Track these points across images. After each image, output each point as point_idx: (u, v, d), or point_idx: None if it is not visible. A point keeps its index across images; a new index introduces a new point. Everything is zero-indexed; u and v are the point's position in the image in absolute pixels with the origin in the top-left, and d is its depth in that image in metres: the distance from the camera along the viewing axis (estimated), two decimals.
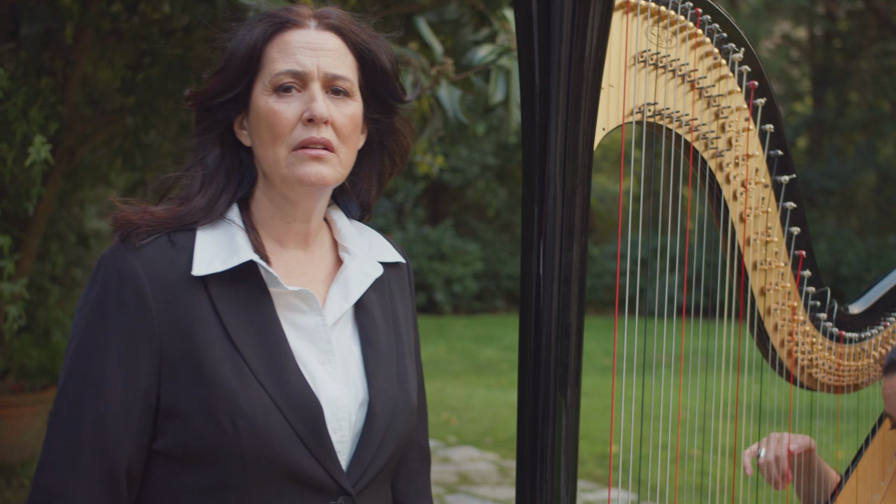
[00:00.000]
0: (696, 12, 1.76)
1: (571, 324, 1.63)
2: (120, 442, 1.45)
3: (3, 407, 6.11)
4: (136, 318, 1.46)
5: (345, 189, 1.71)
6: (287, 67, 1.52)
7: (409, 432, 1.65)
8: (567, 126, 1.63)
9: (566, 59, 1.63)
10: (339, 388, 1.55)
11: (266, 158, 1.55)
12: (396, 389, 1.61)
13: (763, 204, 1.82)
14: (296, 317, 1.55)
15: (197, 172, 1.60)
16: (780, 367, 1.86)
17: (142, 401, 1.46)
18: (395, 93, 1.66)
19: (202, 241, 1.53)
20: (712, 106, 1.79)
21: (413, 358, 1.72)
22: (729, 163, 1.80)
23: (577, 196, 1.64)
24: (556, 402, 1.61)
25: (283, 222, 1.60)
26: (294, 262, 1.61)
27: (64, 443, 1.45)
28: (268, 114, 1.52)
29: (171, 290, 1.47)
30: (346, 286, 1.62)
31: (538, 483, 1.61)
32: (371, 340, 1.62)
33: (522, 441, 1.63)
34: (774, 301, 1.83)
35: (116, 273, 1.47)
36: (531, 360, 1.62)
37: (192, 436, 1.45)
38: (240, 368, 1.46)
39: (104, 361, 1.45)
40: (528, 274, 1.64)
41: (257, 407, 1.45)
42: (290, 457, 1.46)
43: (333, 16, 1.59)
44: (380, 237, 1.76)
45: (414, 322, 1.76)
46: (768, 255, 1.83)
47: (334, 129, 1.54)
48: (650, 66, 1.74)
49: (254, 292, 1.52)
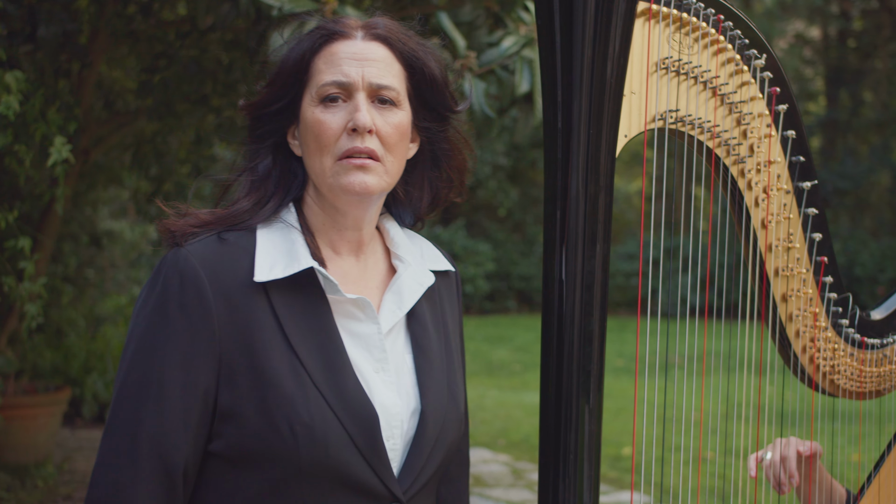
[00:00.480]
0: (718, 18, 1.75)
1: (594, 330, 1.63)
2: (178, 444, 1.47)
3: (17, 408, 6.13)
4: (197, 321, 1.47)
5: (398, 198, 1.73)
6: (332, 78, 1.55)
7: (457, 441, 1.67)
8: (590, 133, 1.63)
9: (588, 66, 1.63)
10: (393, 396, 1.57)
11: (313, 168, 1.58)
12: (447, 398, 1.63)
13: (785, 210, 1.82)
14: (352, 324, 1.57)
15: (247, 178, 1.63)
16: (802, 373, 1.86)
17: (200, 403, 1.48)
18: (444, 101, 1.67)
19: (263, 244, 1.55)
20: (734, 112, 1.78)
21: (461, 366, 1.74)
22: (751, 169, 1.79)
23: (600, 202, 1.63)
24: (580, 408, 1.61)
25: (336, 230, 1.62)
26: (348, 270, 1.63)
27: (123, 443, 1.46)
28: (314, 124, 1.55)
29: (232, 293, 1.49)
30: (400, 294, 1.64)
31: (561, 490, 1.61)
32: (423, 349, 1.64)
33: (545, 447, 1.63)
34: (796, 307, 1.83)
35: (178, 276, 1.48)
36: (553, 366, 1.62)
37: (249, 439, 1.47)
38: (299, 374, 1.48)
39: (164, 363, 1.47)
40: (551, 280, 1.64)
41: (315, 413, 1.47)
42: (345, 463, 1.48)
43: (381, 26, 1.62)
44: (430, 245, 1.77)
45: (461, 330, 1.78)
46: (790, 262, 1.82)
47: (379, 139, 1.56)
48: (672, 72, 1.74)
49: (313, 298, 1.54)
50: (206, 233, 1.55)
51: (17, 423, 6.02)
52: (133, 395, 1.47)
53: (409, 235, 1.75)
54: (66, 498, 5.90)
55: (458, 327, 1.77)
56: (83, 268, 9.26)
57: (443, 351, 1.67)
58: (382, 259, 1.70)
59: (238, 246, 1.54)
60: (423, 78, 1.63)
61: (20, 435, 6.04)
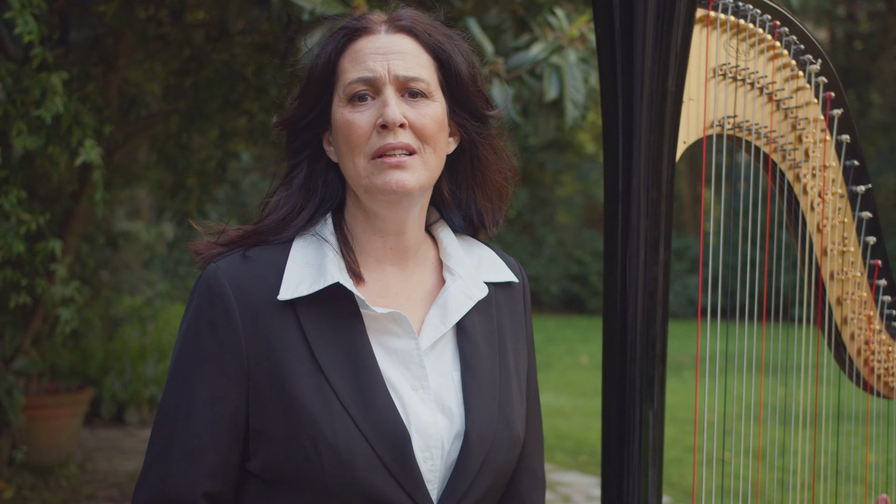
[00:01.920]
0: (774, 24, 1.77)
1: (656, 336, 1.65)
2: (204, 466, 1.47)
3: (39, 408, 6.16)
4: (225, 340, 1.46)
5: (445, 200, 1.66)
6: (358, 75, 1.49)
7: (510, 464, 1.57)
8: (651, 139, 1.65)
9: (649, 73, 1.65)
10: (432, 416, 1.50)
11: (348, 171, 1.52)
12: (497, 419, 1.53)
13: (839, 214, 1.84)
14: (388, 340, 1.51)
15: (280, 192, 1.59)
16: (857, 376, 1.87)
17: (230, 422, 1.47)
18: (469, 100, 1.58)
19: (294, 259, 1.51)
20: (789, 117, 1.80)
21: (521, 384, 1.63)
22: (806, 174, 1.81)
23: (662, 208, 1.65)
24: (643, 413, 1.63)
25: (377, 236, 1.56)
26: (390, 281, 1.57)
27: (157, 462, 1.49)
28: (343, 125, 1.50)
29: (259, 311, 1.47)
30: (446, 308, 1.56)
31: (625, 497, 1.63)
32: (471, 367, 1.54)
33: (608, 454, 1.65)
34: (851, 310, 1.85)
35: (208, 293, 1.48)
36: (617, 371, 1.64)
37: (279, 459, 1.45)
38: (325, 393, 1.44)
39: (195, 383, 1.47)
40: (612, 286, 1.66)
41: (340, 433, 1.42)
42: (373, 484, 1.43)
43: (405, 17, 1.55)
44: (493, 255, 1.69)
45: (528, 344, 1.68)
46: (844, 265, 1.84)
47: (413, 132, 1.49)
48: (729, 78, 1.76)
49: (344, 314, 1.49)
50: (237, 250, 1.53)
51: (40, 423, 6.05)
52: (169, 415, 1.49)
53: (469, 245, 1.68)
54: (90, 497, 5.92)
55: (524, 341, 1.67)
56: (98, 269, 9.29)
57: (495, 368, 1.57)
58: (433, 270, 1.62)
59: (268, 262, 1.51)
60: (449, 71, 1.55)
61: (43, 435, 6.06)
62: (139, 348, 8.63)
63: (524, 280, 1.72)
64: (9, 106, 3.68)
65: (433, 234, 1.66)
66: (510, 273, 1.69)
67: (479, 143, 1.62)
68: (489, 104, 1.62)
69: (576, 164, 19.89)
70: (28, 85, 3.71)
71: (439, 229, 1.66)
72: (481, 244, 1.71)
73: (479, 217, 1.67)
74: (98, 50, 4.37)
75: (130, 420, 8.12)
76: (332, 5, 3.66)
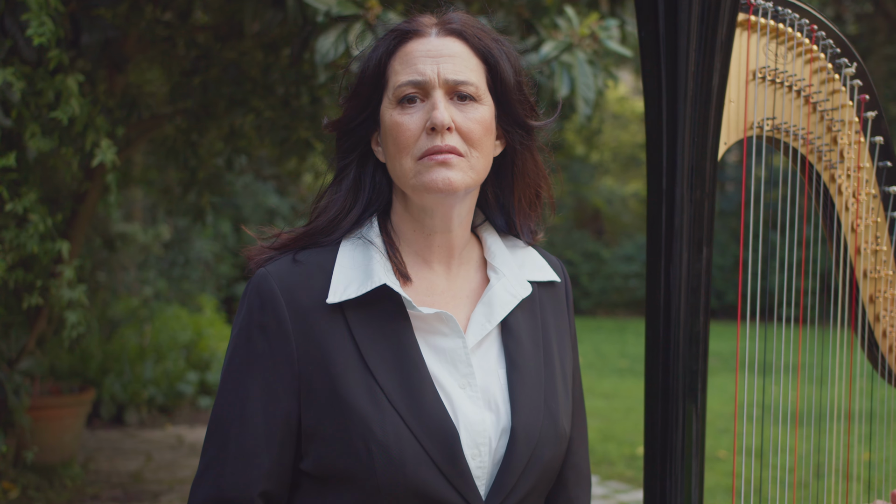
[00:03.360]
0: (812, 28, 1.81)
1: (699, 332, 1.68)
2: (259, 467, 1.49)
3: (43, 409, 6.17)
4: (276, 343, 1.49)
5: (489, 202, 1.69)
6: (408, 78, 1.51)
7: (556, 459, 1.59)
8: (694, 140, 1.68)
9: (693, 75, 1.68)
10: (480, 413, 1.52)
11: (395, 171, 1.54)
12: (543, 416, 1.56)
13: (872, 214, 1.87)
14: (436, 339, 1.54)
15: (329, 194, 1.62)
16: (889, 374, 1.91)
17: (282, 424, 1.50)
18: (513, 107, 1.59)
19: (342, 262, 1.54)
20: (825, 119, 1.84)
21: (566, 381, 1.66)
22: (840, 175, 1.85)
23: (705, 207, 1.69)
24: (686, 409, 1.66)
25: (424, 236, 1.59)
26: (436, 281, 1.60)
27: (213, 463, 1.51)
28: (392, 127, 1.52)
29: (308, 314, 1.49)
30: (490, 307, 1.58)
31: (668, 491, 1.66)
32: (516, 364, 1.57)
33: (652, 448, 1.68)
34: (883, 308, 1.88)
35: (259, 298, 1.51)
36: (660, 367, 1.68)
37: (331, 458, 1.47)
38: (374, 393, 1.46)
39: (247, 387, 1.50)
40: (656, 282, 1.69)
41: (391, 433, 1.45)
42: (424, 482, 1.45)
43: (456, 20, 1.57)
44: (536, 255, 1.72)
45: (572, 343, 1.71)
46: (877, 264, 1.88)
47: (461, 135, 1.51)
48: (768, 81, 1.79)
49: (391, 315, 1.51)
50: (288, 253, 1.56)
51: (44, 423, 6.05)
52: (223, 418, 1.52)
53: (513, 244, 1.70)
54: (94, 497, 5.93)
55: (568, 340, 1.70)
56: (95, 270, 9.28)
57: (541, 365, 1.60)
58: (477, 269, 1.65)
59: (316, 265, 1.54)
60: (496, 75, 1.57)
61: (47, 435, 6.07)
62: (137, 349, 8.63)
63: (566, 279, 1.75)
64: (23, 108, 3.69)
65: (478, 234, 1.69)
66: (553, 272, 1.71)
67: (519, 151, 1.64)
68: (534, 113, 1.65)
69: (566, 166, 19.97)
70: (42, 87, 3.72)
71: (484, 230, 1.69)
72: (525, 244, 1.73)
73: (517, 222, 1.70)
74: (108, 53, 4.38)
75: (130, 421, 8.13)
76: (346, 6, 3.69)
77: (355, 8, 3.71)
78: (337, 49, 3.68)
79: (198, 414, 8.70)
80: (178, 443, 7.62)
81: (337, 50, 3.68)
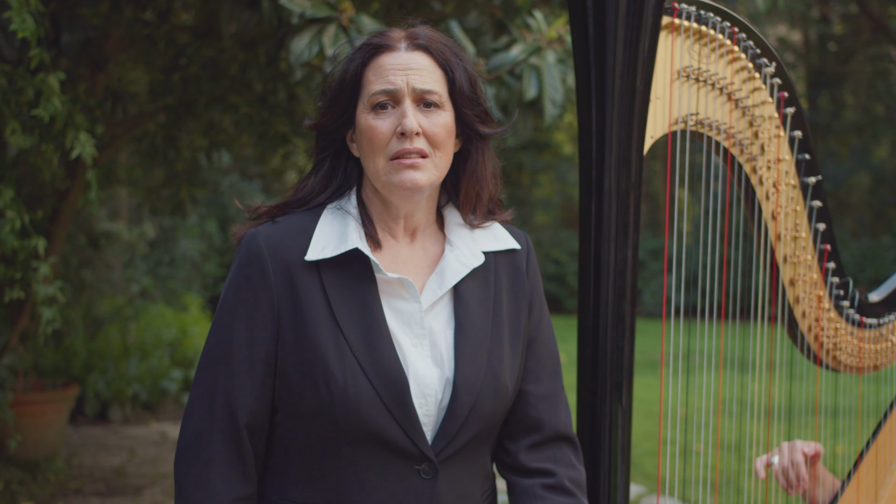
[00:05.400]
0: (733, 31, 1.95)
1: (626, 312, 1.81)
2: (244, 399, 1.71)
3: (26, 404, 6.26)
4: (259, 291, 1.72)
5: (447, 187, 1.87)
6: (381, 88, 1.73)
7: (498, 411, 1.76)
8: (621, 135, 1.82)
9: (620, 74, 1.82)
10: (428, 367, 1.73)
11: (368, 168, 1.76)
12: (485, 372, 1.74)
13: (792, 203, 2.01)
14: (397, 302, 1.75)
15: (307, 181, 1.86)
16: (808, 350, 2.05)
17: (263, 362, 1.72)
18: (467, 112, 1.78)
19: (321, 227, 1.76)
20: (747, 115, 1.98)
21: (515, 342, 1.80)
22: (761, 166, 1.99)
23: (631, 197, 1.82)
24: (615, 380, 1.80)
25: (391, 216, 1.80)
26: (400, 252, 1.80)
27: (202, 395, 1.73)
28: (367, 129, 1.74)
29: (289, 269, 1.72)
30: (443, 275, 1.78)
31: (600, 448, 1.79)
32: (463, 326, 1.76)
33: (582, 414, 1.81)
34: (802, 290, 2.02)
35: (247, 254, 1.74)
36: (590, 344, 1.81)
37: (298, 397, 1.69)
38: (338, 342, 1.68)
39: (233, 328, 1.72)
40: (587, 267, 1.83)
41: (349, 376, 1.66)
42: (375, 422, 1.67)
43: (422, 36, 1.78)
44: (498, 228, 1.87)
45: (534, 303, 1.85)
46: (797, 249, 2.02)
47: (426, 138, 1.73)
48: (692, 79, 1.93)
49: (360, 277, 1.74)
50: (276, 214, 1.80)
51: (27, 419, 6.15)
52: (211, 355, 1.74)
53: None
54: (77, 492, 6.03)
55: (525, 303, 1.83)
56: (80, 268, 9.36)
57: (488, 328, 1.78)
58: (437, 242, 1.85)
59: (299, 228, 1.76)
60: (454, 85, 1.77)
61: (30, 431, 6.16)
62: (122, 347, 8.73)
63: (528, 247, 1.89)
64: (3, 106, 3.79)
65: (442, 212, 1.88)
66: (511, 241, 1.87)
67: (472, 153, 1.83)
68: (488, 120, 1.83)
69: (553, 165, 20.08)
70: (22, 85, 3.83)
71: (447, 210, 1.88)
72: (495, 223, 1.89)
73: (461, 210, 1.87)
74: (89, 52, 4.49)
75: (114, 418, 8.22)
76: (320, 8, 3.82)
77: (329, 10, 3.84)
78: (311, 50, 3.81)
79: (182, 411, 8.78)
80: (161, 439, 7.72)
81: (311, 51, 3.80)
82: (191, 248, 12.18)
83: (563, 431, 1.83)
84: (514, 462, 1.83)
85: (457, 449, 1.73)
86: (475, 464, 1.80)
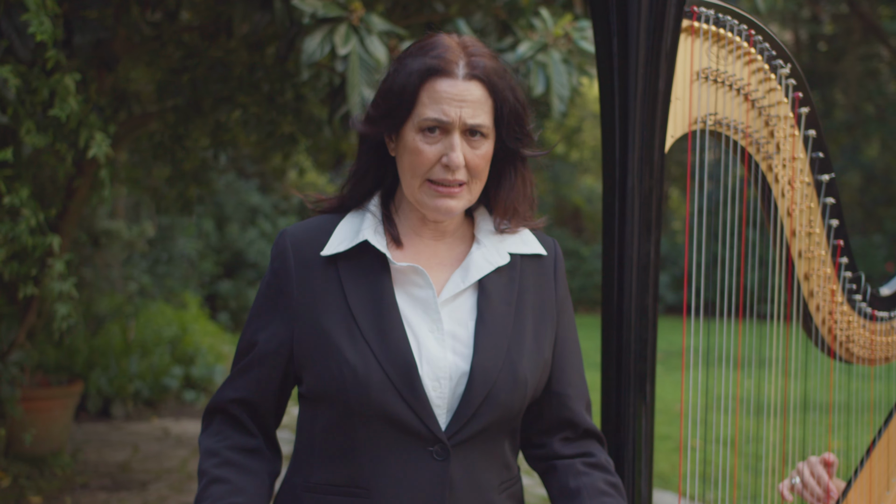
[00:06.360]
0: (749, 33, 2.02)
1: (648, 305, 1.88)
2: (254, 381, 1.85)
3: (33, 400, 6.31)
4: (283, 285, 1.84)
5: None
6: (434, 115, 1.76)
7: (514, 402, 1.81)
8: (643, 134, 1.89)
9: (643, 76, 1.89)
10: (443, 353, 1.79)
11: (405, 181, 1.83)
12: (503, 363, 1.80)
13: (806, 200, 2.09)
14: (412, 289, 1.83)
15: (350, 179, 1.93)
16: (822, 343, 2.13)
17: (275, 351, 1.84)
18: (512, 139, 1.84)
19: (341, 226, 1.87)
20: (762, 115, 2.05)
21: (539, 340, 1.86)
22: (777, 164, 2.06)
23: (653, 194, 1.89)
24: (638, 370, 1.87)
25: (420, 220, 1.88)
26: (423, 248, 1.88)
27: (232, 376, 1.89)
28: (413, 150, 1.78)
29: (310, 265, 1.84)
30: (468, 270, 1.86)
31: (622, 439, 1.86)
32: (484, 317, 1.82)
33: (608, 403, 1.88)
34: (816, 285, 2.10)
35: (276, 250, 1.87)
36: (615, 336, 1.88)
37: (315, 381, 1.80)
38: (351, 328, 1.78)
39: (260, 317, 1.87)
40: (610, 262, 1.90)
41: (360, 359, 1.75)
42: (386, 403, 1.74)
43: (479, 67, 1.78)
44: (528, 234, 1.93)
45: (561, 309, 1.91)
46: (811, 245, 2.09)
47: (467, 168, 1.78)
48: (710, 80, 2.00)
49: (374, 268, 1.83)
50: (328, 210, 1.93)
51: (34, 415, 6.19)
52: (244, 338, 1.89)
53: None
54: (84, 486, 6.08)
55: (550, 308, 1.90)
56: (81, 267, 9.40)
57: (509, 321, 1.84)
58: (465, 242, 1.91)
59: (323, 228, 1.87)
60: (501, 115, 1.81)
61: (36, 426, 6.20)
62: (123, 345, 8.77)
63: (557, 254, 1.95)
64: (18, 106, 3.85)
65: (473, 214, 1.95)
66: (538, 247, 1.93)
67: (511, 169, 1.89)
68: (530, 140, 1.88)
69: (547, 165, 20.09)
70: (37, 86, 3.88)
71: (479, 213, 1.95)
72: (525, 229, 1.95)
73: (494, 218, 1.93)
74: (99, 52, 4.54)
75: (116, 414, 8.27)
76: (331, 8, 3.88)
77: (340, 10, 3.90)
78: (323, 49, 3.87)
79: (183, 407, 8.85)
80: (164, 435, 7.77)
81: (323, 50, 3.87)
82: (188, 246, 12.22)
83: (593, 429, 1.91)
84: (549, 452, 1.90)
85: (471, 434, 1.78)
86: (492, 452, 1.84)
